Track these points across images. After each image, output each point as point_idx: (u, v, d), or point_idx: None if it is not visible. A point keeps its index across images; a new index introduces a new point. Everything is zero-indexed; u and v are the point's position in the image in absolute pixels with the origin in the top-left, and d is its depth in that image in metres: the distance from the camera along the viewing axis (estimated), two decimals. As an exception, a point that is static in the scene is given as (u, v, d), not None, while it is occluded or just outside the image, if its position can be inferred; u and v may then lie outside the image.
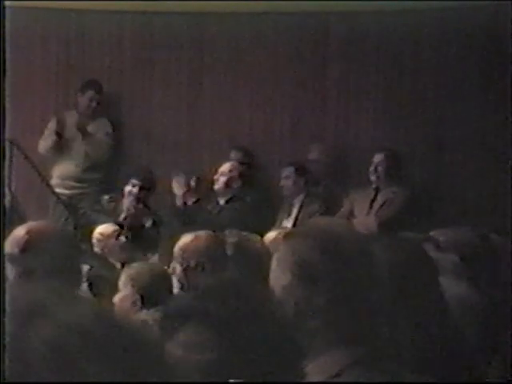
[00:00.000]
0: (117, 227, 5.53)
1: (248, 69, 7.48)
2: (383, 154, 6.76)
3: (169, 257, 3.88)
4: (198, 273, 3.58)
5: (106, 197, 6.86)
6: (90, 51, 7.66)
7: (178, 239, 3.68)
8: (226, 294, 1.81)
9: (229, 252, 3.68)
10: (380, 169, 6.75)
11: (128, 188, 6.56)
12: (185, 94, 7.57)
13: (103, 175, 7.35)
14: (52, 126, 7.34)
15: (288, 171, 6.89)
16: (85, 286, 4.32)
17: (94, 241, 5.58)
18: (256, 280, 2.90)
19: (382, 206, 6.67)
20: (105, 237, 5.57)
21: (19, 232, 3.30)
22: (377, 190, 6.76)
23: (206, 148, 7.38)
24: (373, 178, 6.77)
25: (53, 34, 7.68)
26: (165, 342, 1.62)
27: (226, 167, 6.79)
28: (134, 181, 6.55)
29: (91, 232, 5.76)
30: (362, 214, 6.60)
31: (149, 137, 7.50)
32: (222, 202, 6.72)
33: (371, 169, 6.76)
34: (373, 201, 6.71)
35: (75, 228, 6.37)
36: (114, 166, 7.44)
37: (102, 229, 5.69)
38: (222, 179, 6.70)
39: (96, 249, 5.51)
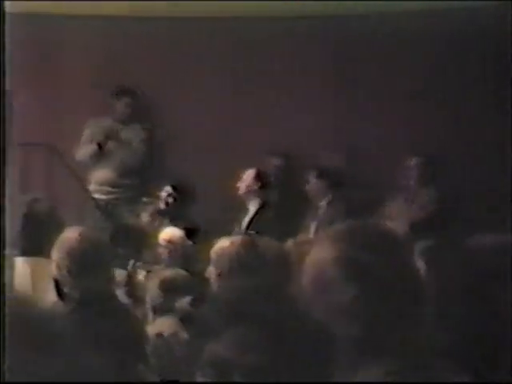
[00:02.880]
0: (183, 232, 5.44)
1: (282, 74, 7.53)
2: (417, 158, 6.78)
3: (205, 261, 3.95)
4: (233, 277, 3.64)
5: (145, 199, 6.95)
6: (126, 57, 7.76)
7: (213, 244, 3.74)
8: (262, 298, 1.85)
9: (262, 257, 3.73)
10: (414, 172, 6.76)
11: (162, 194, 6.65)
12: (219, 100, 7.63)
13: (138, 180, 7.44)
14: (88, 132, 7.44)
15: (312, 175, 6.96)
16: (121, 291, 4.39)
17: (161, 244, 5.50)
18: (288, 284, 2.97)
19: (414, 208, 6.69)
20: (172, 241, 5.44)
21: (72, 234, 3.42)
22: (410, 193, 6.77)
23: (241, 153, 7.43)
24: (406, 181, 6.78)
25: (88, 40, 7.79)
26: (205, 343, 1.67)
27: (252, 172, 6.86)
28: (168, 187, 6.64)
29: (136, 235, 5.74)
30: (395, 217, 6.62)
31: (183, 142, 7.57)
32: (251, 207, 6.78)
33: (405, 172, 6.77)
34: (406, 203, 6.73)
35: (112, 232, 6.46)
36: (149, 172, 7.53)
37: (170, 233, 5.63)
38: (246, 185, 6.77)
39: (163, 253, 5.41)
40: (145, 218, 6.77)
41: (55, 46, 7.83)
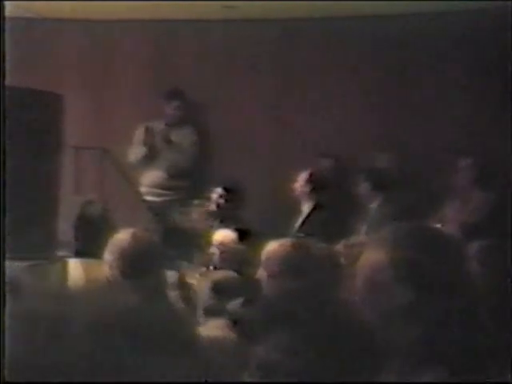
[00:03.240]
0: (235, 234, 5.44)
1: (332, 74, 7.52)
2: (471, 159, 6.71)
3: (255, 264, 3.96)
4: (283, 279, 3.64)
5: (197, 201, 6.99)
6: (177, 60, 7.82)
7: (264, 246, 3.75)
8: (312, 300, 1.84)
9: (313, 259, 3.73)
10: (468, 173, 6.70)
11: (213, 196, 6.69)
12: (270, 101, 7.65)
13: (189, 182, 7.49)
14: (140, 135, 7.52)
15: (362, 177, 6.92)
16: (173, 293, 4.42)
17: (214, 246, 5.47)
18: (338, 286, 2.95)
19: (469, 210, 6.62)
20: (224, 243, 5.44)
21: (124, 235, 3.46)
22: (464, 195, 6.70)
23: (291, 155, 7.44)
24: (459, 182, 6.72)
25: (140, 44, 7.87)
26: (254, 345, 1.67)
27: (305, 174, 6.86)
28: (219, 189, 6.68)
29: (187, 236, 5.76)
30: (448, 219, 6.56)
31: (234, 144, 7.60)
32: (305, 209, 6.79)
33: (459, 173, 6.71)
34: (460, 205, 6.66)
35: (163, 234, 6.51)
36: (200, 174, 7.57)
37: (222, 235, 5.60)
38: (300, 187, 6.77)
39: (215, 254, 5.41)
40: (196, 219, 6.80)
41: (107, 50, 7.92)
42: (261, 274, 3.65)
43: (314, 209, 6.77)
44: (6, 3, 5.82)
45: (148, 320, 0.95)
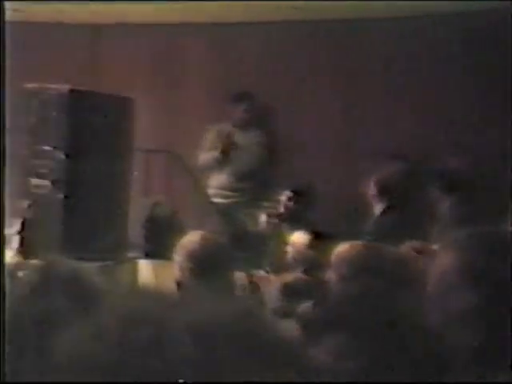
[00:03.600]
0: (308, 236, 5.44)
1: (403, 76, 7.46)
2: None
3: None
4: (352, 282, 3.63)
5: (265, 203, 7.01)
6: (244, 62, 7.85)
7: (334, 248, 3.74)
8: (373, 304, 1.83)
9: (382, 262, 3.71)
10: None
11: (282, 198, 6.70)
12: (338, 102, 7.62)
13: (257, 185, 7.51)
14: (209, 138, 7.57)
15: (432, 179, 6.85)
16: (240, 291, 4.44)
17: (284, 248, 5.47)
18: (407, 289, 2.92)
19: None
20: (296, 245, 5.44)
21: (194, 237, 3.51)
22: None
23: (360, 157, 7.39)
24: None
25: (208, 47, 7.92)
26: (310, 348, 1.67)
27: (376, 177, 6.82)
28: (288, 192, 6.69)
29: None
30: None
31: (303, 146, 7.59)
32: (376, 211, 6.75)
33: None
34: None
35: (231, 236, 6.54)
36: (268, 176, 7.58)
37: (295, 237, 5.54)
38: (371, 189, 6.74)
39: (285, 256, 5.42)
40: (264, 221, 6.82)
41: (176, 54, 7.99)
42: (330, 276, 3.65)
43: (384, 211, 6.73)
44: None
45: (242, 323, 0.95)
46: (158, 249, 5.88)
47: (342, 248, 3.68)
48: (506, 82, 6.92)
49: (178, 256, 3.81)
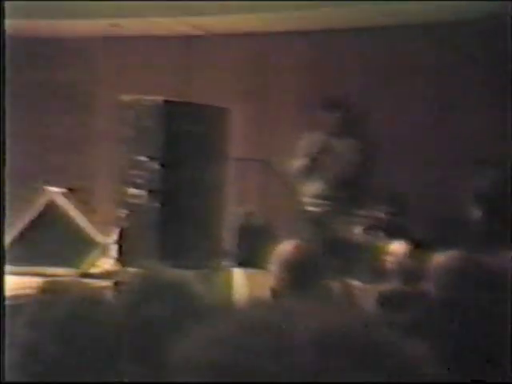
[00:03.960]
0: (407, 246, 5.38)
1: (497, 79, 7.33)
2: None
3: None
4: (451, 293, 3.58)
5: (361, 212, 6.96)
6: (337, 70, 7.83)
7: (430, 258, 3.69)
8: (479, 315, 1.81)
9: (481, 273, 3.64)
10: None
11: (378, 207, 6.66)
12: (431, 110, 7.53)
13: (351, 193, 7.48)
14: (302, 146, 7.58)
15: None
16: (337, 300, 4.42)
17: (382, 258, 5.41)
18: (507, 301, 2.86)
19: None
20: (395, 255, 5.40)
21: (288, 246, 3.53)
22: None
23: (452, 164, 7.28)
24: None
25: (301, 55, 7.94)
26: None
27: (472, 184, 6.72)
28: (383, 201, 6.64)
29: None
30: None
31: (397, 154, 7.52)
32: (474, 219, 6.64)
33: None
34: None
35: (326, 245, 6.53)
36: (363, 184, 7.54)
37: (393, 247, 5.48)
38: (466, 197, 6.64)
39: (383, 266, 5.38)
40: (359, 231, 6.78)
41: (266, 63, 8.03)
42: (428, 286, 3.60)
43: (481, 219, 6.61)
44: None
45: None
46: (250, 257, 5.92)
47: (440, 258, 3.63)
48: None
49: (273, 265, 3.82)
